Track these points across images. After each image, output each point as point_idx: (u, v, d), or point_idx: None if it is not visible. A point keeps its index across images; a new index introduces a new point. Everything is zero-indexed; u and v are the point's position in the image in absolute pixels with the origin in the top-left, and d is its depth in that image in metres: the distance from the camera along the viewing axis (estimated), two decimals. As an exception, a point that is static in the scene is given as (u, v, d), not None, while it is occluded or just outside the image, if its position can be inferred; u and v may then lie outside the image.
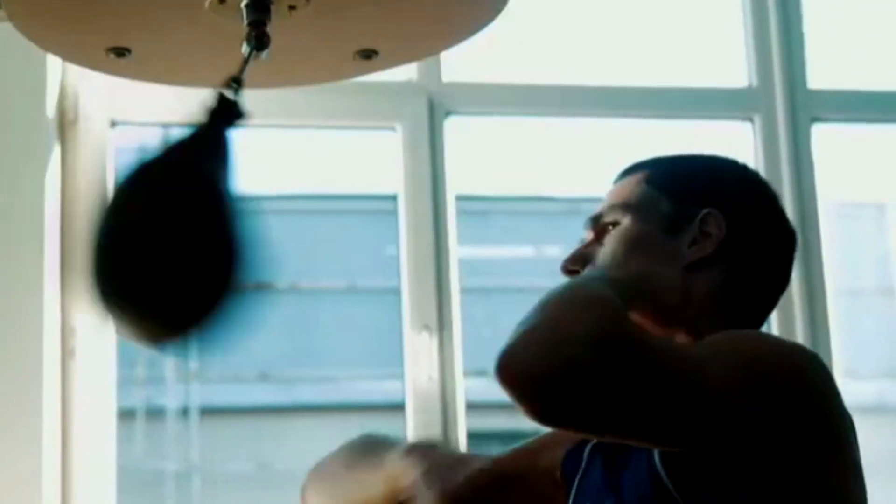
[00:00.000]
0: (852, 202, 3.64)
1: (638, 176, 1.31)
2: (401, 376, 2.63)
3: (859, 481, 1.12)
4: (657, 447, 1.08)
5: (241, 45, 1.16)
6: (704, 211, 1.26)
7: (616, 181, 1.34)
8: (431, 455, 1.32)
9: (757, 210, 1.31)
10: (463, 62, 2.67)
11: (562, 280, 1.31)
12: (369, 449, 1.40)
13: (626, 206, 1.29)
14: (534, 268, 4.36)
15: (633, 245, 1.27)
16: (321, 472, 1.44)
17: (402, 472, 1.31)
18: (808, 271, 2.71)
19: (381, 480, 1.33)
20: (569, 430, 1.09)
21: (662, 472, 1.10)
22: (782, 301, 2.65)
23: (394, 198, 2.69)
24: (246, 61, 1.14)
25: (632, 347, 1.02)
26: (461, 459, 1.34)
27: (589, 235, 1.32)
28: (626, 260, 1.26)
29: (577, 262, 1.30)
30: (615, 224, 1.29)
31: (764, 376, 1.07)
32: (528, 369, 1.00)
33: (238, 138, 1.14)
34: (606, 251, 1.28)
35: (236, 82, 1.13)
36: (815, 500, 1.08)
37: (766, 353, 1.12)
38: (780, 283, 1.33)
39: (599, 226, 1.30)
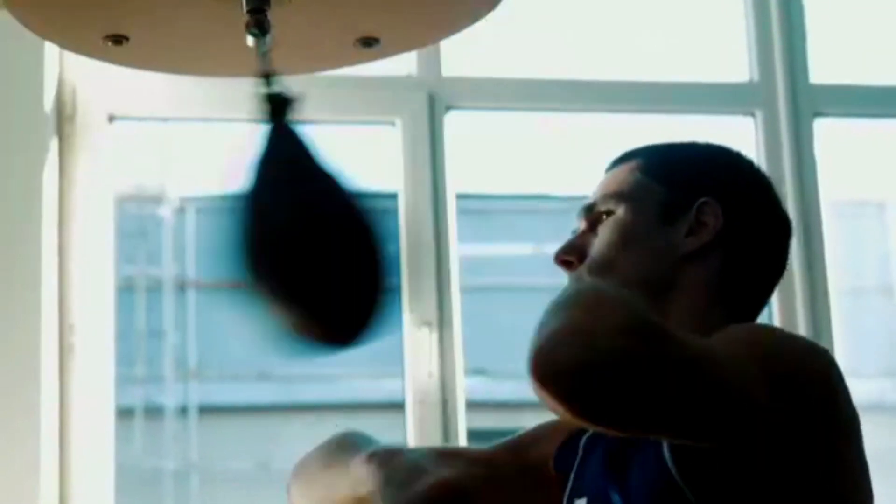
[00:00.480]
0: (854, 200, 3.64)
1: (631, 164, 1.30)
2: (400, 375, 2.62)
3: (866, 478, 1.11)
4: (680, 440, 1.06)
5: (239, 32, 1.14)
6: (701, 200, 1.25)
7: (608, 169, 1.33)
8: (391, 463, 1.27)
9: (753, 198, 1.29)
10: (464, 56, 2.66)
11: (560, 275, 1.30)
12: (344, 449, 1.34)
13: (620, 196, 1.27)
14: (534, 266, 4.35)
15: (629, 235, 1.26)
16: (301, 469, 1.40)
17: (363, 480, 1.26)
18: (810, 268, 2.70)
19: (347, 485, 1.28)
20: (607, 425, 1.01)
21: (672, 467, 1.08)
22: (784, 299, 2.68)
23: (394, 196, 2.67)
24: (264, 52, 1.12)
25: (664, 335, 1.00)
26: (421, 467, 1.27)
27: (582, 225, 1.30)
28: (621, 250, 1.25)
29: (570, 252, 1.29)
30: (609, 213, 1.27)
31: (782, 371, 1.05)
32: (566, 365, 0.95)
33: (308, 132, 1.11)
34: (601, 241, 1.26)
35: (268, 76, 1.11)
36: (825, 496, 1.07)
37: (782, 347, 1.11)
38: (777, 270, 1.31)
39: (593, 215, 1.29)
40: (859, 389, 1.15)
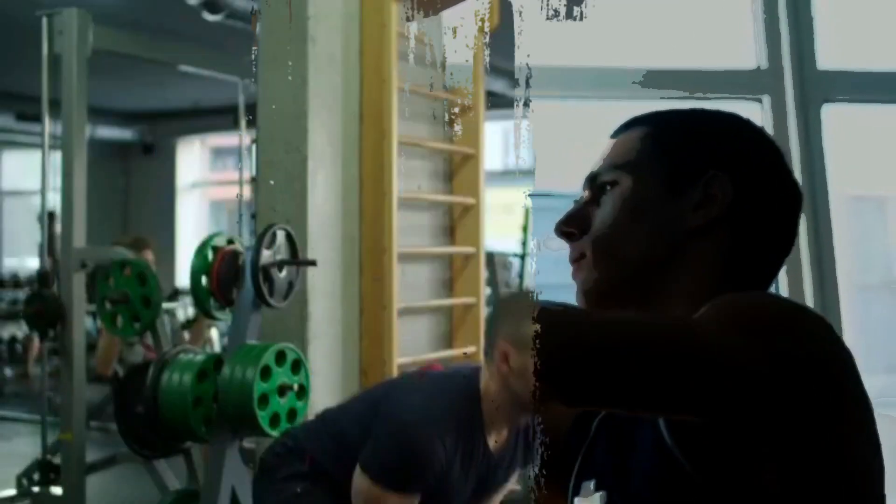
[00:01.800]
0: (860, 193, 3.61)
1: (637, 132, 1.24)
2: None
3: (877, 455, 1.06)
4: (674, 416, 1.02)
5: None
6: (710, 172, 1.20)
7: (614, 136, 1.28)
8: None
9: (764, 169, 1.24)
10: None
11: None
12: None
13: (624, 166, 1.22)
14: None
15: (633, 207, 1.21)
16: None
17: None
18: (818, 260, 2.68)
19: None
20: (595, 405, 1.00)
21: (672, 445, 1.05)
22: (793, 292, 2.64)
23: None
24: None
25: (622, 313, 0.97)
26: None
27: (586, 195, 1.26)
28: (624, 223, 1.21)
29: (571, 223, 1.23)
30: (613, 184, 1.22)
31: (774, 337, 1.01)
32: (560, 359, 0.91)
33: None
34: (604, 213, 1.22)
35: None
36: (832, 468, 1.03)
37: (774, 314, 1.06)
38: (787, 244, 1.26)
39: (597, 185, 1.24)
40: (868, 386, 1.11)
